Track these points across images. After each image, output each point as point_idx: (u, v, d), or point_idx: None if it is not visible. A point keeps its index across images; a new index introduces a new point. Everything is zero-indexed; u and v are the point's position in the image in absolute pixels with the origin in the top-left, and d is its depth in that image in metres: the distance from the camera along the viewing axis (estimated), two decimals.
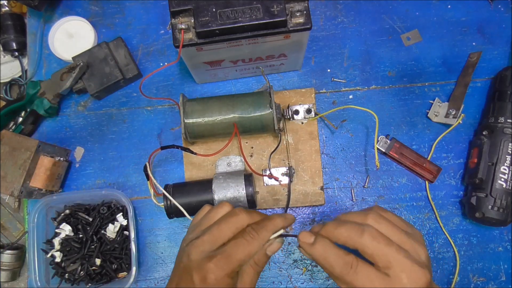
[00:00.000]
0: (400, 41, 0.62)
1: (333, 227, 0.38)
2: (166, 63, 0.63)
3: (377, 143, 0.57)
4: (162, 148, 0.53)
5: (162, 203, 0.53)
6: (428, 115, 0.59)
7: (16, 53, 0.71)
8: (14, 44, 0.70)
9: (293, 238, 0.57)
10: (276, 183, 0.58)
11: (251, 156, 0.59)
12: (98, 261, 0.57)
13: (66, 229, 0.58)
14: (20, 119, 0.61)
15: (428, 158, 0.58)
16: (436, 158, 0.58)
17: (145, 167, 0.53)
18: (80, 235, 0.58)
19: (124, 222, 0.58)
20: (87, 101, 0.63)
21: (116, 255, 0.58)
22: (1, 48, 0.72)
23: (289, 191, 0.57)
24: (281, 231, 0.40)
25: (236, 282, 0.39)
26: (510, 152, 0.53)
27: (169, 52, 0.64)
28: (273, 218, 0.41)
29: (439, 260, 0.56)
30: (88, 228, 0.58)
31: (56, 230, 0.58)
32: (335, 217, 0.41)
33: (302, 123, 0.59)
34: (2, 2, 0.72)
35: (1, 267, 0.82)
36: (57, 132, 0.63)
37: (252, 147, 0.59)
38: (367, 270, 0.35)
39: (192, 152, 0.53)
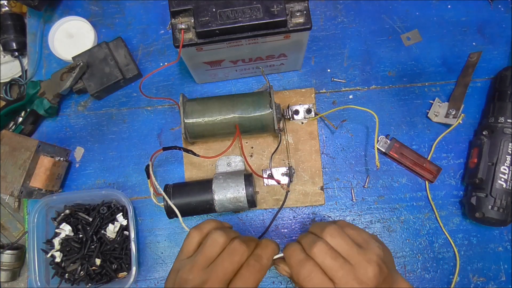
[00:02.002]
0: (400, 41, 0.62)
1: (299, 238, 0.42)
2: (166, 63, 0.63)
3: (377, 143, 0.57)
4: (164, 149, 0.53)
5: (162, 203, 0.53)
6: (428, 115, 0.59)
7: (16, 53, 0.71)
8: (14, 44, 0.70)
9: (294, 238, 0.57)
10: (276, 183, 0.58)
11: (251, 156, 0.59)
12: (98, 261, 0.57)
13: (66, 229, 0.58)
14: (20, 119, 0.61)
15: (428, 158, 0.58)
16: (436, 158, 0.58)
17: (147, 167, 0.53)
18: (80, 235, 0.58)
19: (124, 222, 0.58)
20: (87, 101, 0.63)
21: (116, 255, 0.58)
22: (1, 48, 0.72)
23: (285, 196, 0.57)
24: (281, 254, 0.43)
25: None
26: (510, 152, 0.53)
27: (169, 52, 0.64)
28: (267, 244, 0.43)
29: (439, 260, 0.56)
30: (88, 228, 0.58)
31: (56, 230, 0.58)
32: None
33: (302, 123, 0.59)
34: (2, 2, 0.71)
35: (1, 267, 0.82)
36: (57, 132, 0.63)
37: (252, 147, 0.59)
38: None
39: (194, 154, 0.53)
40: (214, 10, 0.44)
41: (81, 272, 0.57)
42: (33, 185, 0.56)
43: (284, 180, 0.57)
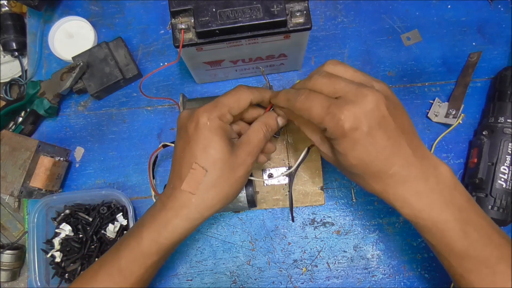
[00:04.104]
0: (400, 41, 0.62)
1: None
2: (166, 63, 0.63)
3: None
4: (164, 146, 0.52)
5: None
6: (428, 115, 0.59)
7: (16, 53, 0.71)
8: (14, 44, 0.70)
9: (293, 238, 0.57)
10: (276, 182, 0.58)
11: None
12: None
13: (66, 229, 0.58)
14: (20, 119, 0.61)
15: None
16: None
17: (153, 164, 0.53)
18: (80, 235, 0.58)
19: (124, 222, 0.58)
20: (87, 101, 0.63)
21: None
22: (1, 48, 0.72)
23: (290, 198, 0.57)
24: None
25: (231, 131, 0.42)
26: (510, 152, 0.53)
27: (169, 52, 0.64)
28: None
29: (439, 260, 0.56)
30: (88, 228, 0.58)
31: (56, 230, 0.58)
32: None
33: None
34: (2, 2, 0.72)
35: (1, 267, 0.82)
36: (57, 132, 0.63)
37: None
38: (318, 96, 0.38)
39: None
40: (214, 10, 0.44)
41: (81, 272, 0.57)
42: (33, 185, 0.56)
43: (284, 180, 0.58)
